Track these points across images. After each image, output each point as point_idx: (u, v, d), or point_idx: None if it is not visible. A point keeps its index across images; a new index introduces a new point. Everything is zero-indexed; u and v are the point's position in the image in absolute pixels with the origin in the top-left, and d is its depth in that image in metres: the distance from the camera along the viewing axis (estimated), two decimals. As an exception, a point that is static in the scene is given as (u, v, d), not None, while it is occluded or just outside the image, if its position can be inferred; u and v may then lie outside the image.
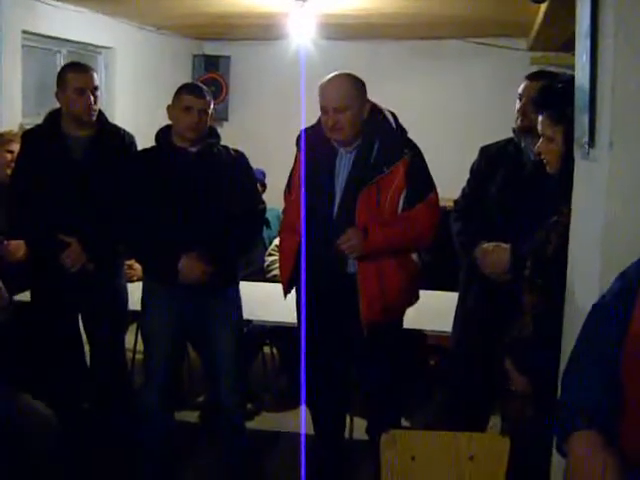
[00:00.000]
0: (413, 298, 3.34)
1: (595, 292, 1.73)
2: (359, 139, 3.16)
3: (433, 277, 4.50)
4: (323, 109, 3.13)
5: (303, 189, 3.16)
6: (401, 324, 3.37)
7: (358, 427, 3.84)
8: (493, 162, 3.33)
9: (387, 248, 3.13)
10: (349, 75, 3.16)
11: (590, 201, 1.96)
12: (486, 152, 3.41)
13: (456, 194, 3.55)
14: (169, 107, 3.31)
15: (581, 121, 2.02)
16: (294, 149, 3.35)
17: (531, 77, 3.27)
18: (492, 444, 2.23)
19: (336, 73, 3.17)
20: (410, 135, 3.26)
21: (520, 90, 3.26)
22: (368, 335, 3.18)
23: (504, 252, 3.08)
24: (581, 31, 2.04)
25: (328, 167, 3.19)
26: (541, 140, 2.45)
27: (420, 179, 3.17)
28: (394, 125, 3.20)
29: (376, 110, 3.20)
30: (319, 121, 3.23)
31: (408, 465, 2.24)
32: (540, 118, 2.46)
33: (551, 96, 2.39)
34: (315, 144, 3.20)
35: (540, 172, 2.76)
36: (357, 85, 3.14)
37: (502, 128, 3.42)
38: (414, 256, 3.30)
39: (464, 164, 3.52)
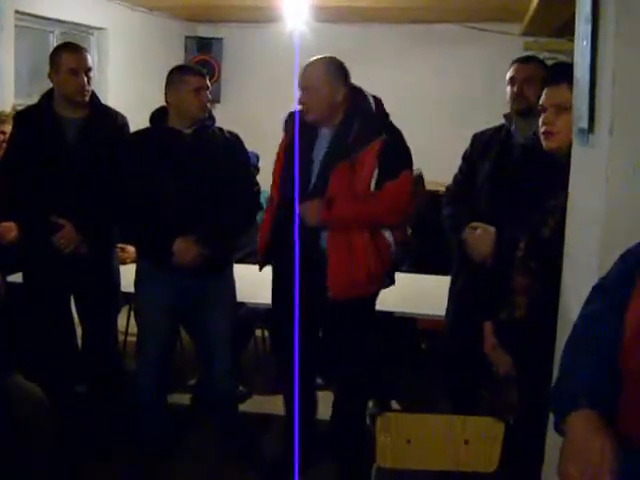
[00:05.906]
0: (386, 278, 3.33)
1: (594, 277, 1.73)
2: (338, 120, 3.21)
3: (427, 261, 4.51)
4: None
5: (297, 166, 3.18)
6: (372, 306, 3.38)
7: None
8: (484, 148, 3.35)
9: (353, 221, 3.16)
10: (326, 59, 3.23)
11: (589, 187, 1.96)
12: (478, 139, 3.43)
13: (449, 180, 3.55)
14: (171, 91, 3.29)
15: (580, 107, 2.02)
16: (287, 132, 3.36)
17: (522, 60, 3.30)
18: (487, 428, 2.25)
19: (317, 56, 3.23)
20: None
21: (511, 74, 3.27)
22: (336, 313, 3.21)
23: (489, 235, 3.09)
24: (581, 16, 2.04)
25: (308, 146, 3.24)
26: (549, 112, 2.39)
27: (392, 161, 3.18)
28: (374, 109, 3.24)
29: (359, 94, 3.25)
30: None
31: (403, 448, 2.26)
32: (547, 90, 2.42)
33: (569, 68, 2.36)
34: (299, 125, 3.24)
35: (529, 155, 2.76)
36: (330, 68, 3.20)
37: (495, 113, 3.42)
38: (387, 236, 3.27)
39: (456, 149, 3.52)
